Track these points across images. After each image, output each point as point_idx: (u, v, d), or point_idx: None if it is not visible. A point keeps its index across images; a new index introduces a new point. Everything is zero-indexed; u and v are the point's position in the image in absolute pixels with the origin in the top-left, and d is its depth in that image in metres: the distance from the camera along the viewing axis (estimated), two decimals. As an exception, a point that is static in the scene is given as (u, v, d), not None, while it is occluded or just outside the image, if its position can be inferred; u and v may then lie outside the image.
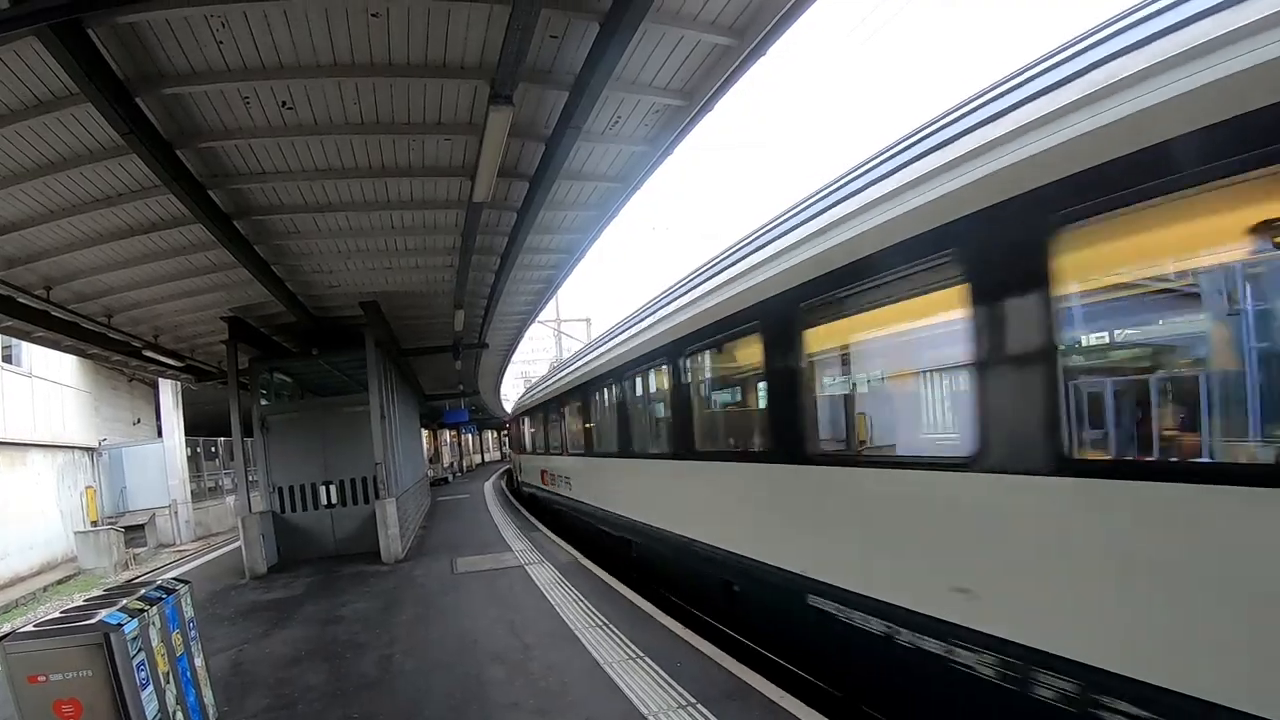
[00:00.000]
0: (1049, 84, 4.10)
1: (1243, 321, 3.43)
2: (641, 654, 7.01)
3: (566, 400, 16.31)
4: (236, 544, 16.22)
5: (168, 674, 4.97)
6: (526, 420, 24.82)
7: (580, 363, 15.80)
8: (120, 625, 4.44)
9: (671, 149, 8.34)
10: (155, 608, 5.01)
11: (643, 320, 10.88)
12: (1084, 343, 4.30)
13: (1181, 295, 3.93)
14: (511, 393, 50.15)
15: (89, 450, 24.40)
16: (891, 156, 5.45)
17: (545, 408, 19.56)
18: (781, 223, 6.93)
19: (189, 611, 5.69)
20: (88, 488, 23.63)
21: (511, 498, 28.24)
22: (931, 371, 5.77)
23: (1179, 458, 3.81)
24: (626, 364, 11.16)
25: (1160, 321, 4.25)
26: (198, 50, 5.75)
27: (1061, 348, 3.89)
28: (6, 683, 4.26)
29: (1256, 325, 3.37)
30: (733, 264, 7.70)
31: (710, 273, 8.42)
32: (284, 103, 6.68)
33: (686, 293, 9.03)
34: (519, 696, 6.25)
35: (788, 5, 5.84)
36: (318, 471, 15.34)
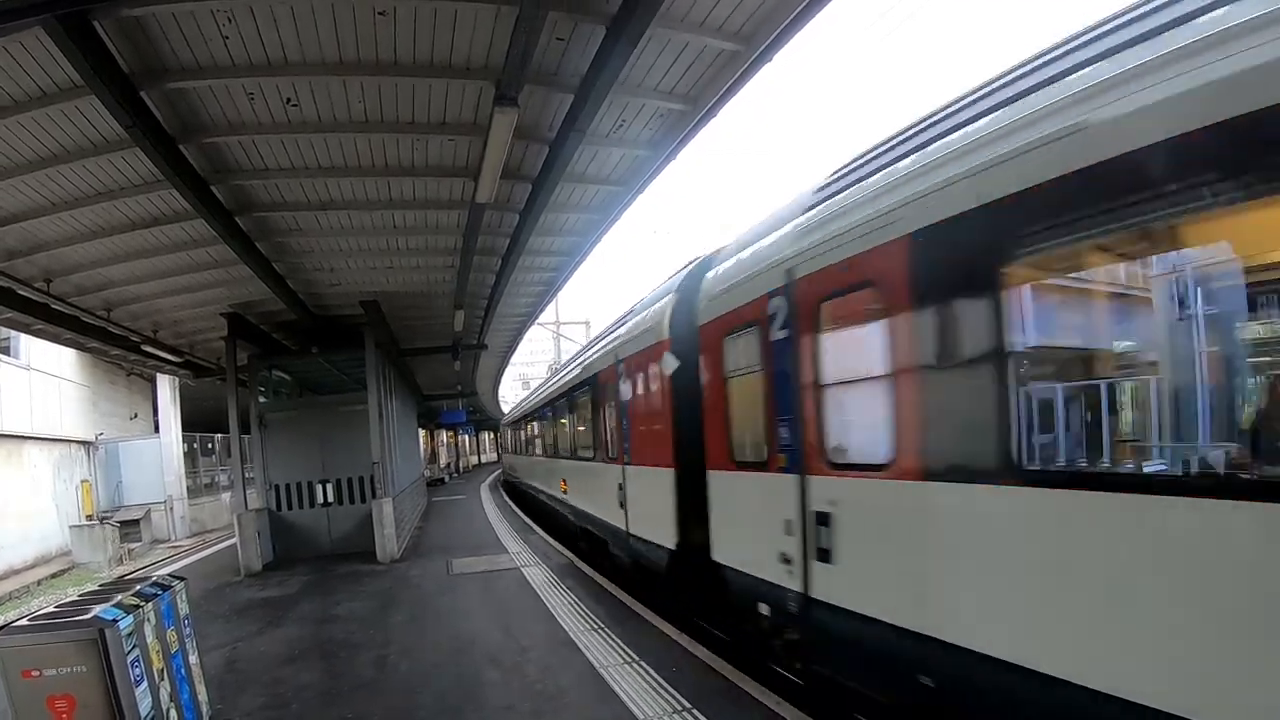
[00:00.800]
0: None
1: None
2: (636, 657, 7.00)
3: (510, 427, 34.52)
4: (232, 541, 16.18)
5: (162, 671, 4.94)
6: (505, 433, 40.72)
7: (514, 410, 33.88)
8: (115, 621, 4.41)
9: (675, 154, 8.33)
10: (150, 604, 4.99)
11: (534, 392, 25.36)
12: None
13: None
14: (509, 394, 50.21)
15: (85, 444, 24.35)
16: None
17: (508, 429, 36.74)
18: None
19: (184, 608, 5.67)
20: (83, 482, 23.59)
21: (505, 495, 28.73)
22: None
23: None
24: (522, 415, 26.68)
25: None
26: (203, 45, 5.74)
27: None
28: (0, 677, 4.24)
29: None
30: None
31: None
32: (288, 99, 6.67)
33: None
34: (514, 699, 6.23)
35: (795, 12, 5.83)
36: (315, 470, 15.34)
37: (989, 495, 3.89)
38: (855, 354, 5.24)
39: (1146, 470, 3.50)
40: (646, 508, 9.35)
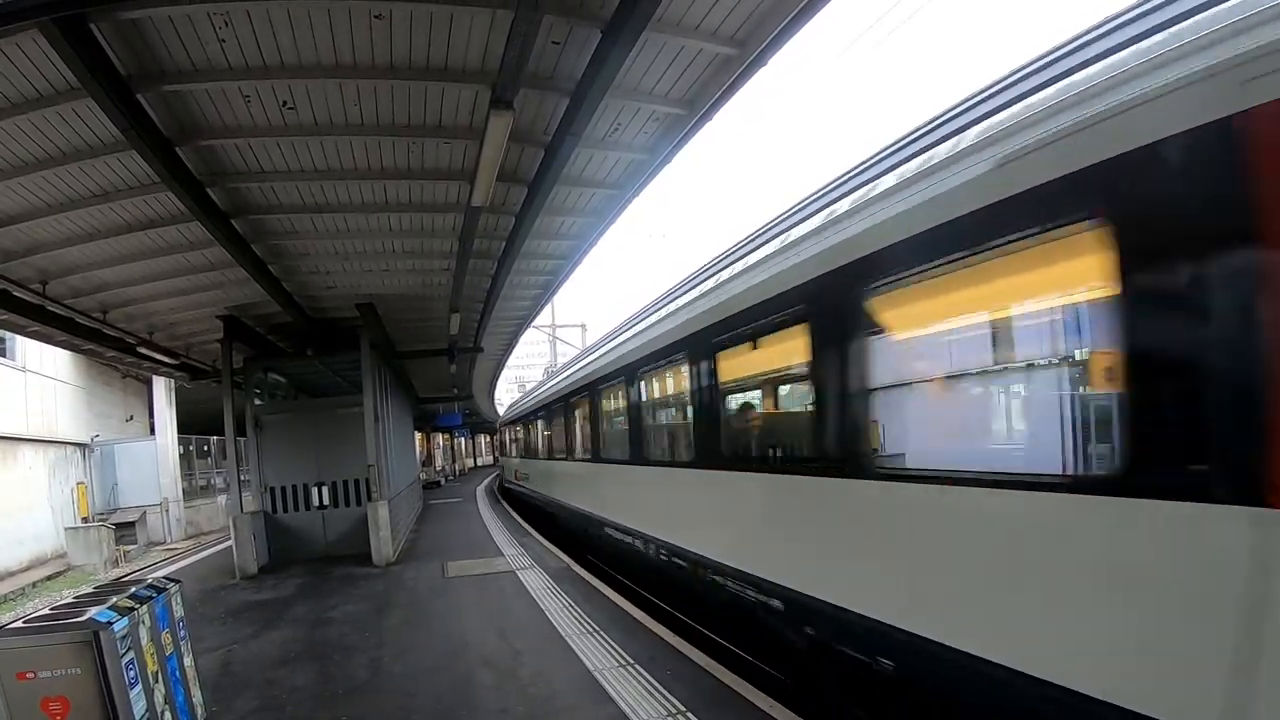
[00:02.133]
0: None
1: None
2: (632, 661, 7.00)
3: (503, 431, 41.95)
4: (227, 543, 16.17)
5: (156, 673, 4.95)
6: (498, 441, 50.87)
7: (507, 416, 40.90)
8: (110, 623, 4.42)
9: (670, 157, 8.34)
10: (145, 606, 4.99)
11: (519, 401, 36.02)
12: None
13: None
14: (505, 397, 50.20)
15: (81, 446, 24.29)
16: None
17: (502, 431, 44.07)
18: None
19: (179, 611, 5.67)
20: (79, 484, 23.52)
21: (501, 498, 29.00)
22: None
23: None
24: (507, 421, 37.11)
25: None
26: (199, 48, 5.75)
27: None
28: (-6, 679, 4.24)
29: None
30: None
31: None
32: (285, 102, 6.68)
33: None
34: (508, 702, 6.23)
35: (790, 16, 5.85)
36: (310, 472, 15.31)
37: (537, 460, 21.79)
38: (513, 437, 29.69)
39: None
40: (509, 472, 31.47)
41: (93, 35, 5.23)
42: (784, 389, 7.10)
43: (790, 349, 6.05)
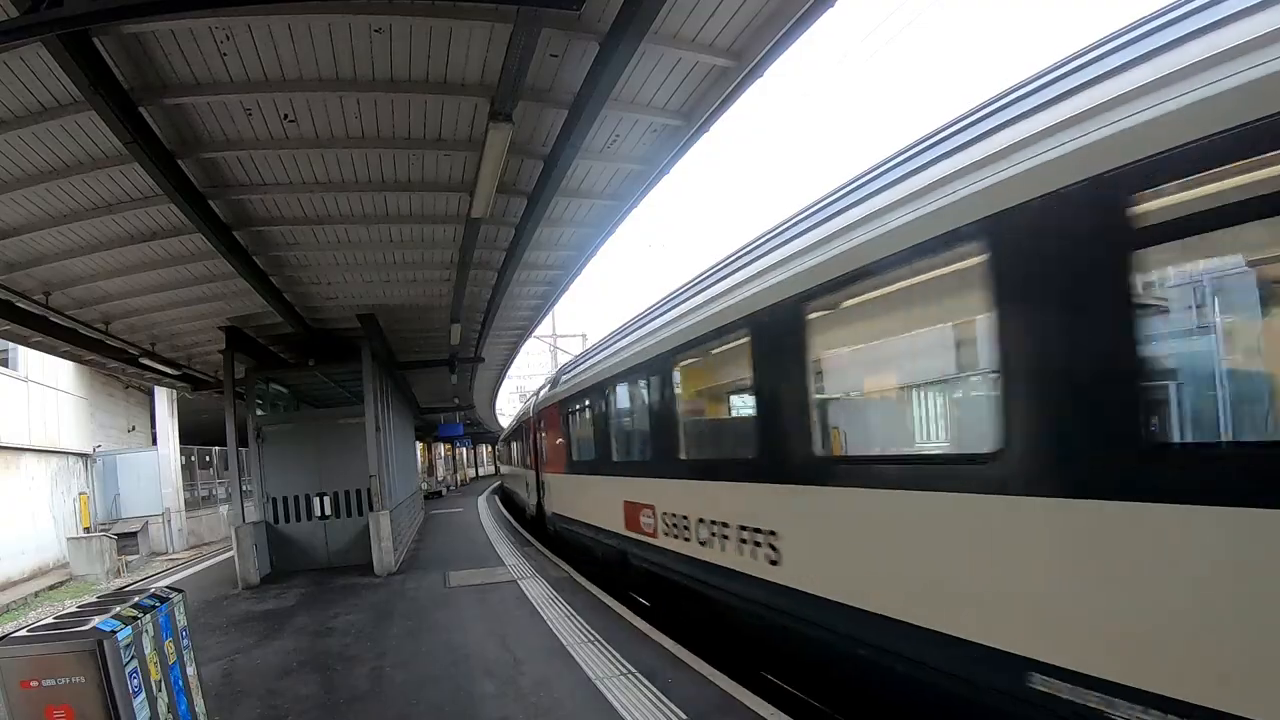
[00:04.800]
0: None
1: None
2: (633, 670, 7.01)
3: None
4: (229, 554, 16.19)
5: (160, 682, 4.96)
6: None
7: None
8: (114, 632, 4.44)
9: (668, 168, 8.40)
10: (149, 615, 5.01)
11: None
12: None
13: None
14: (506, 407, 50.25)
15: (83, 456, 24.32)
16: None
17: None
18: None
19: (182, 620, 5.68)
20: (81, 494, 23.55)
21: (501, 505, 29.16)
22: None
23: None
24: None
25: None
26: (202, 62, 5.81)
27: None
28: (-2, 688, 4.26)
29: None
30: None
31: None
32: (286, 115, 6.74)
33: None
34: (509, 711, 6.25)
35: (785, 29, 5.91)
36: (312, 483, 15.34)
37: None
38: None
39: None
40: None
41: (96, 49, 5.29)
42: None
43: None
